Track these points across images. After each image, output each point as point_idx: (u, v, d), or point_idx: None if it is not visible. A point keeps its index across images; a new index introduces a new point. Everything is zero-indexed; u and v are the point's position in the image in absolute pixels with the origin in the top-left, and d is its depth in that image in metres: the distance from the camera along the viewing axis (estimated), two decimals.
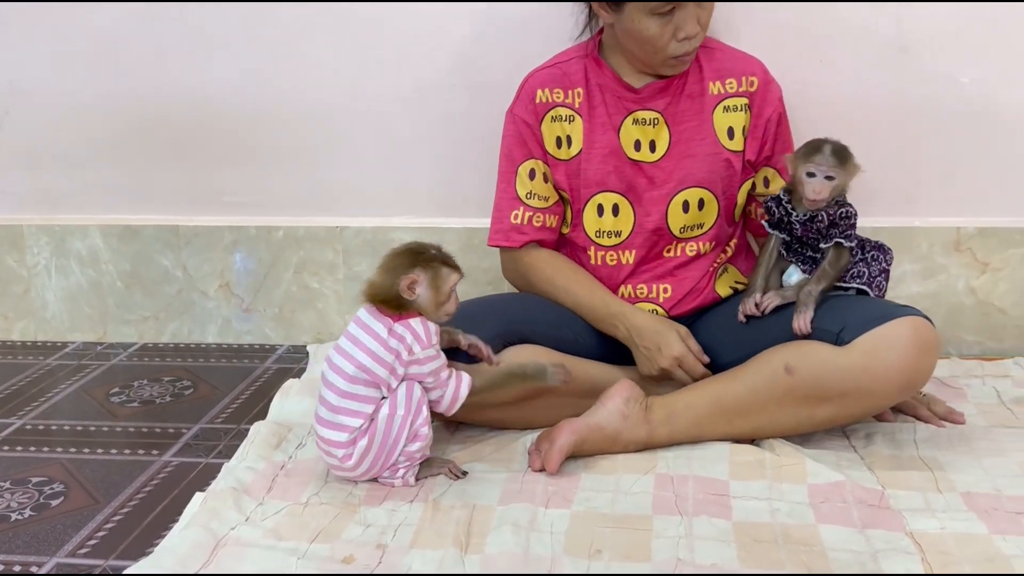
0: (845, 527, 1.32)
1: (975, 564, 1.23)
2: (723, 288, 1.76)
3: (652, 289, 1.73)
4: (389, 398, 1.43)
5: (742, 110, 1.70)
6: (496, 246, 1.79)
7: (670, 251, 1.73)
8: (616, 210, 1.72)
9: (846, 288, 1.60)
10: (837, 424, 1.59)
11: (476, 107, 2.02)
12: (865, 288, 1.59)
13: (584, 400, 1.58)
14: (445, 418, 1.55)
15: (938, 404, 1.68)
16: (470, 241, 2.06)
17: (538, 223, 1.75)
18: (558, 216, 1.77)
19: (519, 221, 1.75)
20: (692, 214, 1.71)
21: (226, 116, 2.15)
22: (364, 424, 1.42)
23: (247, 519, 1.38)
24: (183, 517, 1.41)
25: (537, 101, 1.72)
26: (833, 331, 1.51)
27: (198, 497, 1.45)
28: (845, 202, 1.58)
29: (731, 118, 1.70)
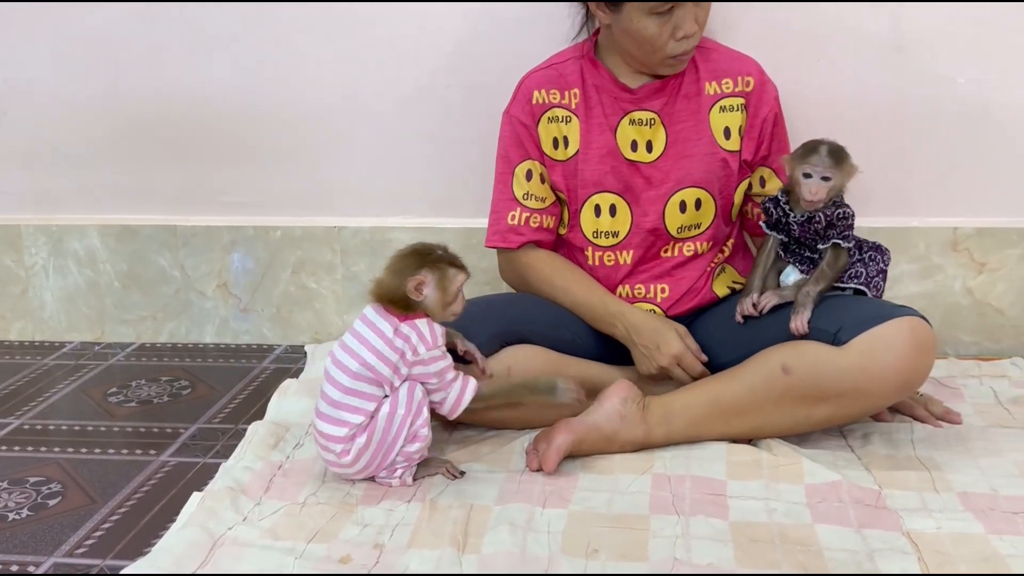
0: (842, 527, 1.32)
1: (971, 564, 1.23)
2: (720, 288, 1.76)
3: (650, 289, 1.73)
4: (390, 396, 1.43)
5: (738, 110, 1.70)
6: (493, 247, 1.79)
7: (667, 251, 1.73)
8: (613, 210, 1.72)
9: (843, 288, 1.60)
10: (834, 424, 1.59)
11: (474, 107, 2.02)
12: (863, 288, 1.58)
13: None
14: (444, 418, 1.55)
15: (935, 404, 1.69)
16: (468, 241, 2.05)
17: (535, 224, 1.75)
18: (555, 217, 1.77)
19: (516, 222, 1.75)
20: (689, 214, 1.71)
21: (224, 116, 2.14)
22: (364, 421, 1.43)
23: (244, 519, 1.38)
24: (180, 517, 1.41)
25: (534, 102, 1.72)
26: (830, 331, 1.51)
27: (195, 497, 1.45)
28: (843, 203, 1.58)
29: (727, 118, 1.70)
